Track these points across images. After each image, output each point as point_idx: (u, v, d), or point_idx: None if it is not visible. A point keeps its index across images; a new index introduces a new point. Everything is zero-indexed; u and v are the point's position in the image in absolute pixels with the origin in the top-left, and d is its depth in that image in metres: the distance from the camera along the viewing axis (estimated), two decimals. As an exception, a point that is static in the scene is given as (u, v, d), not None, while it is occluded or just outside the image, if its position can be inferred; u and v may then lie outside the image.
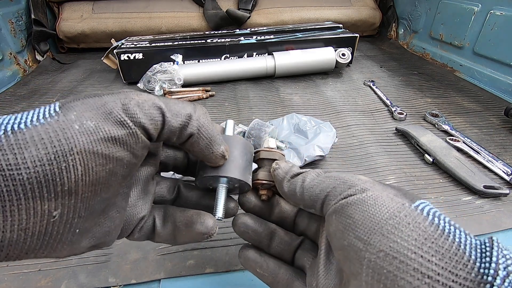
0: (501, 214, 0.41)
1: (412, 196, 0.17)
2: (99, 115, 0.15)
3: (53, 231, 0.14)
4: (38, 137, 0.13)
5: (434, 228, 0.14)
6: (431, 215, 0.15)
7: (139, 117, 0.16)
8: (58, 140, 0.13)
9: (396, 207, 0.16)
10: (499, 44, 0.78)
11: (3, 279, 0.33)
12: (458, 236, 0.14)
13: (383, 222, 0.15)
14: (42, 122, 0.14)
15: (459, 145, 0.53)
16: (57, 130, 0.14)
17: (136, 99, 0.16)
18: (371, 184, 0.18)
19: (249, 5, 1.13)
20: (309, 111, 0.69)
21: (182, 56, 0.84)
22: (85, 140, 0.14)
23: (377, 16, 1.23)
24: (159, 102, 0.17)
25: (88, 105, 0.15)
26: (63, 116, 0.14)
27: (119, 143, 0.15)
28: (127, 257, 0.35)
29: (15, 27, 0.94)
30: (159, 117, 0.17)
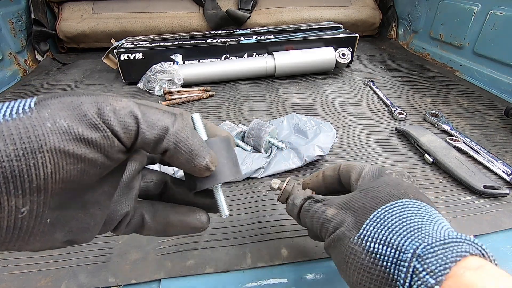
0: (501, 214, 0.41)
1: (366, 214, 0.22)
2: (73, 115, 0.15)
3: (23, 225, 0.14)
4: (8, 132, 0.13)
5: (369, 257, 0.19)
6: (369, 242, 0.20)
7: (112, 124, 0.15)
8: (28, 136, 0.13)
9: (346, 245, 0.21)
10: (499, 44, 0.78)
11: (3, 279, 0.33)
12: (385, 257, 0.19)
13: (342, 262, 0.21)
14: (14, 117, 0.13)
15: (459, 145, 0.53)
16: (27, 127, 0.13)
17: (113, 105, 0.16)
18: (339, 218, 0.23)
19: (249, 5, 1.13)
20: (309, 111, 0.69)
21: (182, 56, 0.84)
22: (56, 138, 0.14)
23: (377, 16, 1.23)
24: (137, 111, 0.16)
25: (64, 104, 0.15)
26: (37, 113, 0.14)
27: (92, 145, 0.15)
28: (127, 257, 0.35)
29: (15, 27, 0.94)
30: (133, 127, 0.16)
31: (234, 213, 0.41)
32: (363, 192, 0.24)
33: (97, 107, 0.15)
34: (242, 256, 0.35)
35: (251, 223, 0.40)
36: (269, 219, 0.40)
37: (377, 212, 0.21)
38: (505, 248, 0.36)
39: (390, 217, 0.20)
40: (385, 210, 0.21)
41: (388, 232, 0.19)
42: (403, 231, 0.19)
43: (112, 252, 0.36)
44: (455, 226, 0.39)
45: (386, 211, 0.21)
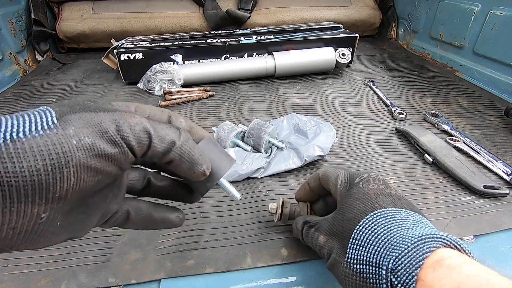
0: (501, 214, 0.41)
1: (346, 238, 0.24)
2: (96, 133, 0.16)
3: (38, 229, 0.16)
4: (37, 148, 0.14)
5: (359, 278, 0.22)
6: (356, 265, 0.23)
7: (129, 140, 0.17)
8: (57, 153, 0.15)
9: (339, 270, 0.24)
10: (499, 44, 0.78)
11: (3, 279, 0.33)
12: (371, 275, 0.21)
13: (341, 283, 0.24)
14: (41, 133, 0.15)
15: (459, 145, 0.53)
16: (56, 143, 0.15)
17: (129, 122, 0.18)
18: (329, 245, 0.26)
19: (249, 5, 1.13)
20: (309, 111, 0.69)
21: (182, 56, 0.84)
22: (82, 155, 0.15)
23: (377, 16, 1.23)
24: (149, 127, 0.18)
25: (86, 121, 0.16)
26: (62, 130, 0.15)
27: (111, 159, 0.17)
28: (127, 257, 0.35)
29: (15, 27, 0.94)
30: (146, 141, 0.18)
31: (234, 213, 0.41)
32: (340, 214, 0.26)
33: (116, 124, 0.17)
34: (242, 256, 0.35)
35: (251, 223, 0.40)
36: (269, 219, 0.40)
37: (354, 234, 0.24)
38: (505, 248, 0.36)
39: (365, 236, 0.23)
40: (359, 230, 0.24)
41: (367, 252, 0.22)
42: (377, 248, 0.22)
43: (112, 252, 0.36)
44: (455, 226, 0.39)
45: (360, 230, 0.24)
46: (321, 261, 0.35)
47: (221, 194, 0.45)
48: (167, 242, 0.37)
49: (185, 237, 0.38)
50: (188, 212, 0.41)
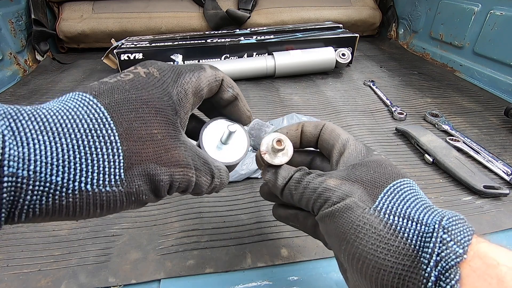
0: (501, 214, 0.41)
1: (378, 188, 0.21)
2: (151, 190, 0.18)
3: None
4: (100, 203, 0.16)
5: (387, 229, 0.18)
6: (386, 215, 0.19)
7: (172, 193, 0.21)
8: (113, 209, 0.17)
9: (358, 215, 0.19)
10: (499, 44, 0.78)
11: (3, 279, 0.33)
12: (407, 229, 0.18)
13: (348, 232, 0.19)
14: (108, 189, 0.16)
15: (459, 145, 0.53)
16: (117, 202, 0.17)
17: (180, 180, 0.20)
18: (345, 188, 0.21)
19: (249, 5, 1.13)
20: (309, 111, 0.69)
21: (182, 56, 0.84)
22: (133, 206, 0.18)
23: (377, 16, 1.23)
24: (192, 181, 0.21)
25: (148, 178, 0.18)
26: (127, 188, 0.17)
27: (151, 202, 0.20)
28: (127, 257, 0.35)
29: (15, 27, 0.94)
30: (182, 190, 0.21)
31: (234, 213, 0.41)
32: (364, 167, 0.23)
33: (170, 184, 0.19)
34: (242, 256, 0.35)
35: (251, 223, 0.40)
36: (269, 219, 0.40)
37: (389, 187, 0.20)
38: (505, 248, 0.36)
39: (403, 193, 0.20)
40: (397, 186, 0.20)
41: (406, 206, 0.19)
42: (419, 207, 0.19)
43: (112, 252, 0.36)
44: (455, 226, 0.39)
45: (398, 186, 0.20)
46: (321, 261, 0.35)
47: (221, 194, 0.45)
48: (167, 242, 0.37)
49: (185, 237, 0.38)
50: (188, 212, 0.41)
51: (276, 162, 0.25)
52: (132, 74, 0.20)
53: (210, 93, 0.24)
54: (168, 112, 0.19)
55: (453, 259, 0.16)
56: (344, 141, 0.25)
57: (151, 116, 0.18)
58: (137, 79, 0.19)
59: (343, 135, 0.26)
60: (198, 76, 0.22)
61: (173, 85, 0.21)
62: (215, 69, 0.24)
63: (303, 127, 0.28)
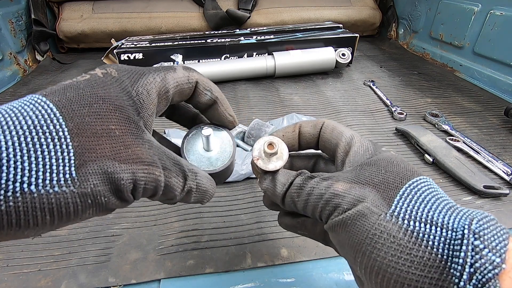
0: (501, 214, 0.41)
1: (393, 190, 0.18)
2: (112, 191, 0.16)
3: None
4: (49, 206, 0.14)
5: (408, 237, 0.16)
6: (406, 220, 0.16)
7: (139, 196, 0.18)
8: (68, 213, 0.15)
9: (373, 223, 0.17)
10: (499, 44, 0.78)
11: (3, 279, 0.33)
12: (431, 236, 0.16)
13: (363, 242, 0.17)
14: (56, 190, 0.14)
15: (459, 145, 0.53)
16: (70, 205, 0.14)
17: (145, 180, 0.17)
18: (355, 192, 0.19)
19: (249, 5, 1.13)
20: (309, 111, 0.69)
21: (182, 56, 0.84)
22: (92, 212, 0.16)
23: (377, 16, 1.23)
24: (161, 181, 0.18)
25: (105, 176, 0.16)
26: (79, 188, 0.15)
27: (117, 207, 0.18)
28: (127, 257, 0.35)
29: (15, 27, 0.94)
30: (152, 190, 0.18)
31: (234, 213, 0.41)
32: (374, 166, 0.20)
33: (134, 184, 0.17)
34: (242, 256, 0.35)
35: (251, 223, 0.40)
36: (269, 219, 0.40)
37: (405, 188, 0.18)
38: (505, 248, 0.36)
39: (422, 193, 0.17)
40: (413, 186, 0.18)
41: (427, 209, 0.17)
42: (442, 208, 0.17)
43: (112, 252, 0.36)
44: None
45: (415, 187, 0.18)
46: (321, 261, 0.35)
47: (221, 194, 0.45)
48: (167, 242, 0.37)
49: (185, 237, 0.38)
50: (188, 212, 0.41)
51: (270, 167, 0.23)
52: (89, 75, 0.18)
53: (181, 95, 0.22)
54: (129, 110, 0.18)
55: (490, 270, 0.14)
56: (348, 139, 0.23)
57: (108, 112, 0.16)
58: (93, 78, 0.18)
59: (347, 132, 0.23)
60: (164, 76, 0.20)
61: (132, 85, 0.19)
62: (189, 70, 0.22)
63: (300, 128, 0.25)
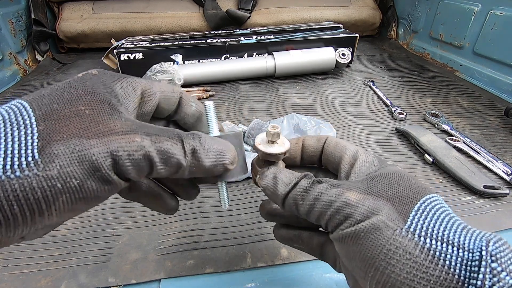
0: (501, 214, 0.41)
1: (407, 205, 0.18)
2: (85, 170, 0.14)
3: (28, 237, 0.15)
4: (13, 194, 0.12)
5: (425, 254, 0.15)
6: (422, 237, 0.16)
7: (127, 172, 0.15)
8: (37, 200, 0.13)
9: (388, 237, 0.16)
10: (499, 44, 0.78)
11: (3, 279, 0.33)
12: (447, 255, 0.15)
13: (377, 257, 0.16)
14: (18, 175, 0.13)
15: (459, 145, 0.53)
16: (36, 189, 0.13)
17: (128, 150, 0.15)
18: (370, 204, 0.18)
19: (249, 5, 1.13)
20: (309, 111, 0.69)
21: (182, 56, 0.84)
22: (66, 199, 0.14)
23: (377, 16, 1.23)
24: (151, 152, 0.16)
25: (73, 157, 0.14)
26: (44, 170, 0.13)
27: (101, 195, 0.15)
28: (127, 257, 0.35)
29: (15, 27, 0.94)
30: (147, 168, 0.16)
31: (234, 213, 0.41)
32: (386, 179, 0.19)
33: (111, 157, 0.15)
34: (242, 256, 0.35)
35: (251, 223, 0.40)
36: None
37: (419, 204, 0.18)
38: (505, 248, 0.36)
39: (435, 211, 0.17)
40: (427, 203, 0.18)
41: (443, 227, 0.16)
42: (456, 227, 0.16)
43: (112, 252, 0.36)
44: (455, 226, 0.39)
45: (429, 204, 0.18)
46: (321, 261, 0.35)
47: (221, 194, 0.45)
48: (167, 242, 0.37)
49: (185, 237, 0.38)
50: (188, 212, 0.41)
51: (272, 151, 0.22)
52: (71, 78, 0.18)
53: (167, 103, 0.21)
54: (105, 95, 0.16)
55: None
56: (353, 152, 0.23)
57: (78, 97, 0.16)
58: (72, 79, 0.17)
59: (351, 146, 0.23)
60: (150, 81, 0.20)
61: (116, 81, 0.18)
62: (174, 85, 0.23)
63: (304, 141, 0.25)
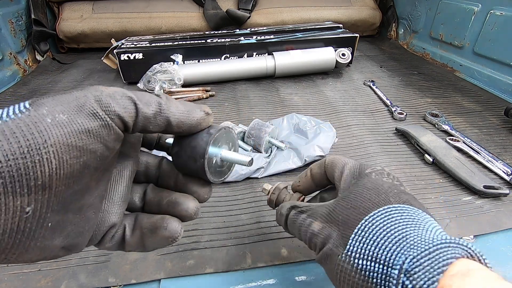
0: (501, 214, 0.41)
1: (350, 228, 0.21)
2: (71, 108, 0.15)
3: (26, 227, 0.14)
4: (10, 131, 0.13)
5: (359, 275, 0.19)
6: (357, 260, 0.19)
7: (113, 107, 0.16)
8: (31, 133, 0.13)
9: (335, 263, 0.21)
10: (499, 44, 0.78)
11: (3, 279, 0.33)
12: (375, 273, 0.18)
13: (334, 279, 0.21)
14: (12, 117, 0.14)
15: (459, 145, 0.53)
16: (29, 124, 0.13)
17: (107, 91, 0.16)
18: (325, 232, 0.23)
19: (249, 5, 1.13)
20: (309, 111, 0.69)
21: (182, 56, 0.84)
22: (58, 132, 0.14)
23: (377, 16, 1.23)
24: (129, 92, 0.17)
25: (59, 100, 0.15)
26: (34, 111, 0.14)
27: (93, 135, 0.15)
28: (127, 257, 0.35)
29: (15, 27, 0.94)
30: (132, 106, 0.17)
31: (234, 213, 0.41)
32: (345, 201, 0.23)
33: (93, 95, 0.16)
34: (242, 256, 0.35)
35: (251, 223, 0.40)
36: (269, 219, 0.40)
37: (360, 225, 0.21)
38: (505, 248, 0.36)
39: (374, 228, 0.20)
40: (368, 221, 0.21)
41: (374, 246, 0.19)
42: (388, 244, 0.19)
43: (112, 252, 0.36)
44: (455, 226, 0.39)
45: (370, 222, 0.20)
46: (321, 261, 0.35)
47: (221, 194, 0.45)
48: (167, 242, 0.37)
49: (185, 237, 0.38)
50: (188, 212, 0.41)
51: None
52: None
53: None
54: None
55: None
56: (341, 168, 0.27)
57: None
58: None
59: (340, 163, 0.27)
60: None
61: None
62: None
63: (311, 170, 0.30)
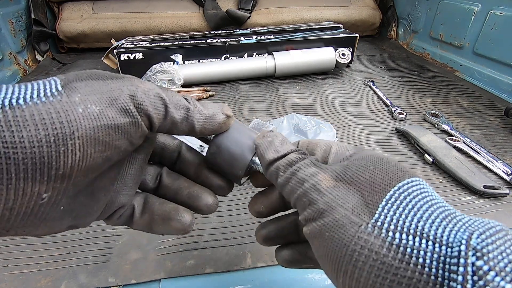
0: (501, 214, 0.41)
1: (379, 193, 0.16)
2: (104, 100, 0.14)
3: (39, 211, 0.14)
4: (39, 116, 0.13)
5: (393, 253, 0.13)
6: (390, 232, 0.14)
7: (146, 106, 0.16)
8: (60, 122, 0.13)
9: (352, 235, 0.15)
10: (499, 44, 0.78)
11: (3, 279, 0.33)
12: (421, 252, 0.13)
13: (343, 260, 0.15)
14: (43, 100, 0.13)
15: (459, 145, 0.53)
16: (59, 111, 0.13)
17: (142, 87, 0.16)
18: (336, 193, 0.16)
19: (249, 5, 1.13)
20: (309, 111, 0.69)
21: (182, 56, 0.84)
22: (88, 125, 0.14)
23: (377, 16, 1.23)
24: (162, 93, 0.17)
25: (93, 88, 0.15)
26: (67, 97, 0.14)
27: (121, 131, 0.15)
28: (127, 257, 0.35)
29: (15, 27, 0.94)
30: (162, 108, 0.17)
31: (234, 213, 0.41)
32: (363, 161, 0.17)
33: (129, 90, 0.15)
34: (242, 256, 0.35)
35: (251, 223, 0.40)
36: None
37: (393, 191, 0.15)
38: (505, 248, 0.36)
39: (412, 198, 0.15)
40: (403, 190, 0.15)
41: (417, 218, 0.14)
42: (435, 217, 0.14)
43: (112, 252, 0.36)
44: (455, 226, 0.39)
45: (405, 190, 0.15)
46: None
47: (221, 194, 0.45)
48: (167, 242, 0.37)
49: (185, 237, 0.38)
50: (188, 212, 0.41)
51: None
52: None
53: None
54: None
55: None
56: (327, 142, 0.22)
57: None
58: None
59: (322, 140, 0.22)
60: None
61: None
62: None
63: None
